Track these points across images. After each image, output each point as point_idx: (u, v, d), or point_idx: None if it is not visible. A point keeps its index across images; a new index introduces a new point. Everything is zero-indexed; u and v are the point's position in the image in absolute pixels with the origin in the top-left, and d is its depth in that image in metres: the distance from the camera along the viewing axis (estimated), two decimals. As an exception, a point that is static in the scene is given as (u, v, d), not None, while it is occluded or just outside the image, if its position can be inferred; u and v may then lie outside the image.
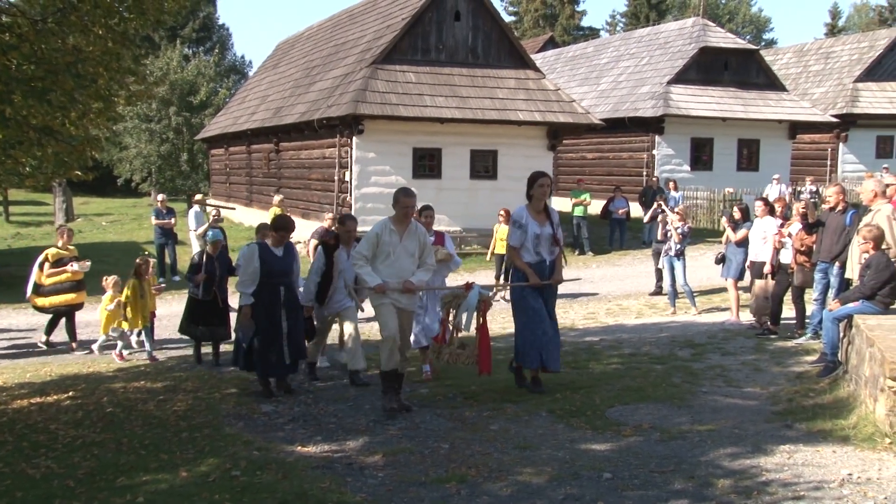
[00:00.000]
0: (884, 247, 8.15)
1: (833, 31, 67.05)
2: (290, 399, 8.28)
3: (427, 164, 21.69)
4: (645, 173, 26.65)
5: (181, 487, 5.50)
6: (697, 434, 6.26)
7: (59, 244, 12.34)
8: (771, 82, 28.51)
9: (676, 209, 13.99)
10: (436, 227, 9.47)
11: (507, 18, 63.83)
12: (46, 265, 12.01)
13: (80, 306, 12.40)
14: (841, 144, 31.77)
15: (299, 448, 6.47)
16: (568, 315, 13.44)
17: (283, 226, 8.64)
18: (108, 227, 29.80)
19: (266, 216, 19.46)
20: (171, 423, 7.41)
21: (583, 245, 21.60)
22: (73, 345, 12.24)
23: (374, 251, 7.45)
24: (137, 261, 11.64)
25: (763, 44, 65.32)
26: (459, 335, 7.97)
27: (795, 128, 28.21)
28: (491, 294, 7.93)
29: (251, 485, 5.46)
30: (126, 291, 11.23)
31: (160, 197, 20.29)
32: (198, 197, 20.93)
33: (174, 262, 18.61)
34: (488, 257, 17.31)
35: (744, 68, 28.13)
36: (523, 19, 66.33)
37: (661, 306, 14.14)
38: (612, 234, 22.12)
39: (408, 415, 7.33)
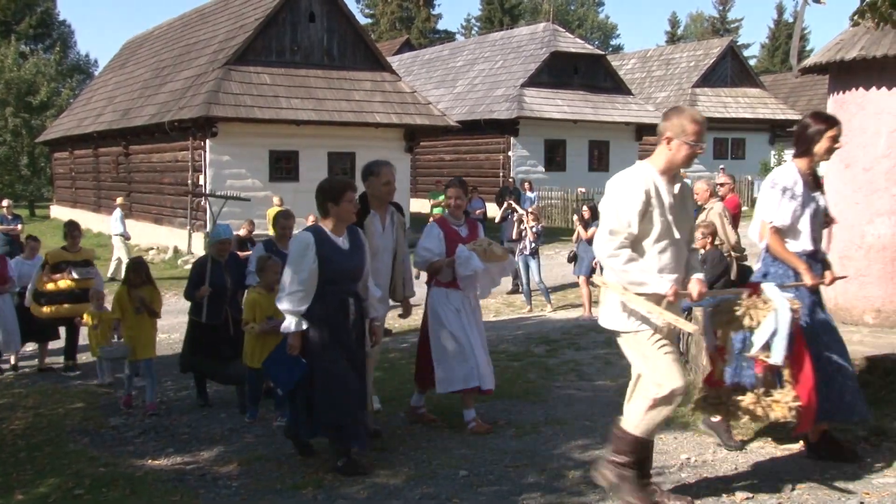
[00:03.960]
0: (717, 242, 8.69)
1: (673, 38, 70.86)
2: (139, 410, 7.93)
3: (284, 166, 21.41)
4: (501, 174, 27.26)
5: (18, 511, 5.20)
6: (551, 428, 6.45)
7: (67, 245, 10.12)
8: (618, 86, 29.80)
9: (531, 209, 14.39)
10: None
11: (364, 20, 63.79)
12: (47, 268, 9.88)
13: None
14: (683, 146, 33.53)
15: (149, 461, 6.22)
16: (427, 315, 13.54)
17: (340, 188, 5.46)
18: (-62, 237, 27.67)
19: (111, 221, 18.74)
20: (8, 442, 6.95)
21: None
22: (68, 363, 10.13)
23: (640, 223, 4.37)
24: (128, 263, 8.73)
25: (610, 49, 68.15)
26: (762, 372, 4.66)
27: (641, 130, 29.62)
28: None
29: (95, 503, 5.21)
30: (114, 307, 8.31)
31: (5, 202, 19.06)
32: (119, 200, 19.86)
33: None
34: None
35: (593, 73, 29.27)
36: (380, 21, 66.48)
37: (517, 304, 14.49)
38: (470, 235, 22.48)
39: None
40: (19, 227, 17.62)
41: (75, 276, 9.77)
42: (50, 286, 9.78)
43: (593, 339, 10.69)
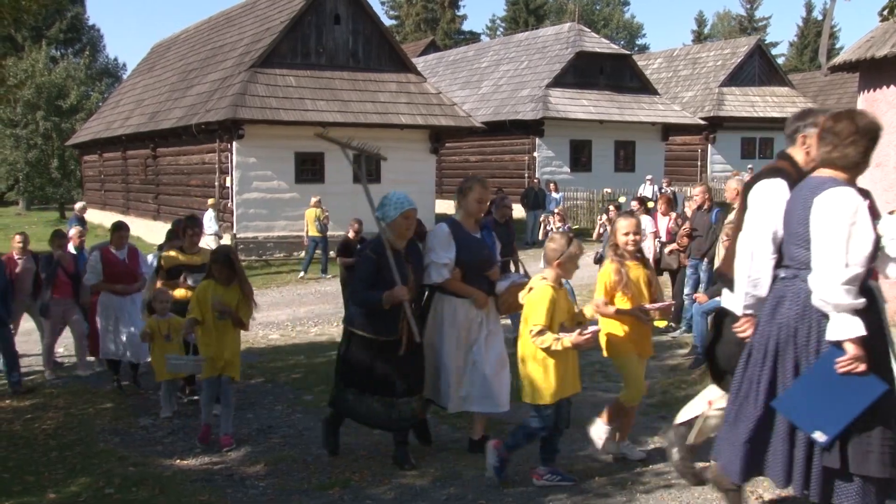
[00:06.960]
0: (746, 242, 8.60)
1: (699, 37, 70.33)
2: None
3: (310, 168, 21.48)
4: (526, 175, 27.18)
5: (49, 510, 5.26)
6: (577, 429, 6.41)
7: (184, 246, 8.21)
8: (644, 86, 29.60)
9: (557, 210, 14.36)
10: None
11: (389, 22, 63.95)
12: (162, 274, 8.12)
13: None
14: (709, 146, 33.31)
15: (178, 461, 6.28)
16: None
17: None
18: (-29, 239, 28.14)
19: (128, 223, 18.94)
20: (40, 442, 7.04)
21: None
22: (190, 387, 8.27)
23: None
24: (211, 254, 6.79)
25: (636, 49, 67.77)
26: None
27: (668, 130, 29.42)
28: None
29: (125, 502, 5.27)
30: (192, 306, 6.48)
31: (78, 205, 19.16)
32: (211, 201, 20.04)
33: None
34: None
35: (618, 72, 29.11)
36: (405, 23, 66.59)
37: (543, 305, 14.45)
38: (496, 236, 22.46)
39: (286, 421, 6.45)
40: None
41: (190, 283, 7.85)
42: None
43: (620, 340, 10.63)
